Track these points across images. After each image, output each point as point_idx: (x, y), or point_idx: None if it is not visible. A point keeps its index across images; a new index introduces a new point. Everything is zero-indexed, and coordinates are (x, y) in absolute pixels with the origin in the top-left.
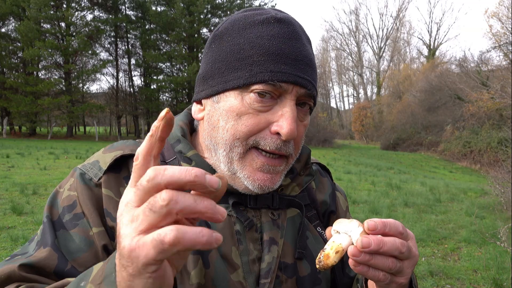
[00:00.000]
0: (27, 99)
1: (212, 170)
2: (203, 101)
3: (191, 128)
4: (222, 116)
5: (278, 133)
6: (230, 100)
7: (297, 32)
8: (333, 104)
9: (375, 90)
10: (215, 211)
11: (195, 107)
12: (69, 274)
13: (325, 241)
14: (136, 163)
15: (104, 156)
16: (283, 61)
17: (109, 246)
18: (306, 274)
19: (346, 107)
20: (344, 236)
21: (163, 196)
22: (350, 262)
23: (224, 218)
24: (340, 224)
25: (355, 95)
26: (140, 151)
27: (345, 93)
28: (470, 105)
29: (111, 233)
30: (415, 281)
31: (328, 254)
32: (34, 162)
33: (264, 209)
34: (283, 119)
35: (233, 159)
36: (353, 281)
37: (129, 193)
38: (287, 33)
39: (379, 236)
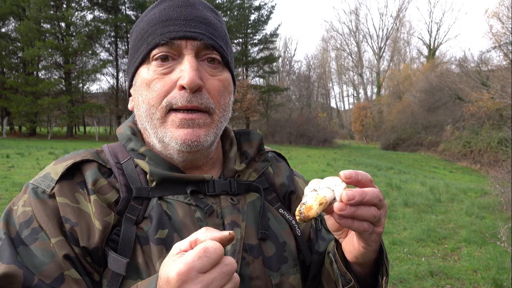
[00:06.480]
0: (27, 99)
1: (164, 162)
2: (131, 92)
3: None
4: (139, 93)
5: (184, 87)
6: (141, 75)
7: (190, 2)
8: (333, 104)
9: (375, 90)
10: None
11: (129, 102)
12: None
13: (287, 221)
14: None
15: (55, 168)
16: (172, 23)
17: (71, 254)
18: (272, 254)
19: (346, 107)
20: (327, 190)
21: (234, 276)
22: (335, 217)
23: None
24: (319, 182)
25: (355, 95)
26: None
27: (345, 93)
28: (470, 105)
29: (71, 237)
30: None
31: (311, 206)
32: (34, 162)
33: (223, 195)
34: (183, 72)
35: (156, 126)
36: (324, 256)
37: (185, 245)
38: (178, 3)
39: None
